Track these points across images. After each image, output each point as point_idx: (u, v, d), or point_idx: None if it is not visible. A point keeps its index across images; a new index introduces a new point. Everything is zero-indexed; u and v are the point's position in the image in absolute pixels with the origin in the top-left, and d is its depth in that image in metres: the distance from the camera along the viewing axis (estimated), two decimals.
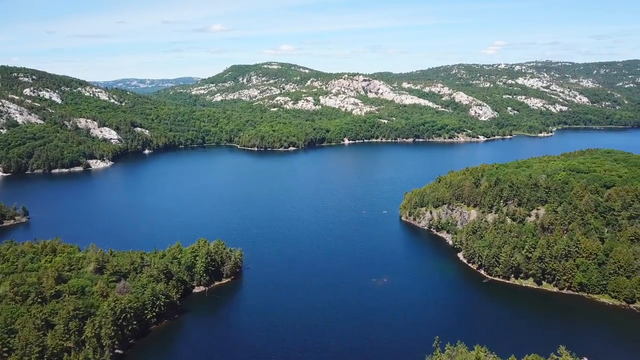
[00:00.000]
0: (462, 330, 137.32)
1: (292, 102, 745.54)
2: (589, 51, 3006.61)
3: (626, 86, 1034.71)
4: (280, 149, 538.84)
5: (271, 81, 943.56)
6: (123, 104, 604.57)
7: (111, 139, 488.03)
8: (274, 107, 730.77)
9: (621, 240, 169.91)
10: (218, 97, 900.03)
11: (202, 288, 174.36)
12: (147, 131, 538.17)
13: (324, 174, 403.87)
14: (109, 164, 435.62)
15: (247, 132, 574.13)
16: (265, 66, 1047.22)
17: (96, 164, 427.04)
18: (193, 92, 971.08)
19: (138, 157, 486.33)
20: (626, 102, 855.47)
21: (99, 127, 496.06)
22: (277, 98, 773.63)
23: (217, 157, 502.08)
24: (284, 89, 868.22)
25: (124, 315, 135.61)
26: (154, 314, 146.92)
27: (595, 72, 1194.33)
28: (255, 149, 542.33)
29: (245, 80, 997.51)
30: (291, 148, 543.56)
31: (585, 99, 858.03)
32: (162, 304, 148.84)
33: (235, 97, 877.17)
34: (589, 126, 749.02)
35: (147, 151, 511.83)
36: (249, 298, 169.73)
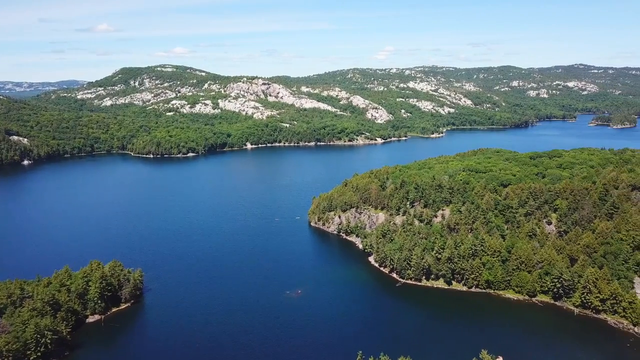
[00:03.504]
0: (384, 341, 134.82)
1: (189, 106, 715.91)
2: (467, 57, 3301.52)
3: (502, 90, 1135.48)
4: (178, 155, 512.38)
5: (166, 84, 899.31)
6: None
7: None
8: (170, 112, 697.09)
9: (520, 237, 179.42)
10: (108, 102, 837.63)
11: (97, 317, 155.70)
12: (25, 140, 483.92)
13: (228, 180, 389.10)
14: None
15: (142, 138, 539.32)
16: (158, 69, 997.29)
17: None
18: (79, 96, 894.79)
19: (16, 169, 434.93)
20: (503, 104, 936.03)
21: None
22: (173, 102, 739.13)
23: (109, 167, 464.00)
24: (179, 92, 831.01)
25: None
26: (39, 354, 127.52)
27: (475, 76, 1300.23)
28: (151, 156, 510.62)
29: (137, 84, 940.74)
30: (190, 154, 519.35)
31: (469, 102, 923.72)
32: (49, 341, 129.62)
33: (126, 102, 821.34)
34: (474, 127, 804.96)
35: (26, 162, 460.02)
36: (151, 324, 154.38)
